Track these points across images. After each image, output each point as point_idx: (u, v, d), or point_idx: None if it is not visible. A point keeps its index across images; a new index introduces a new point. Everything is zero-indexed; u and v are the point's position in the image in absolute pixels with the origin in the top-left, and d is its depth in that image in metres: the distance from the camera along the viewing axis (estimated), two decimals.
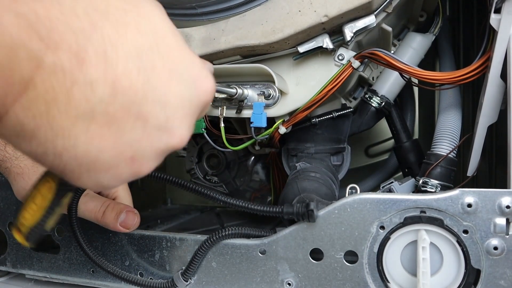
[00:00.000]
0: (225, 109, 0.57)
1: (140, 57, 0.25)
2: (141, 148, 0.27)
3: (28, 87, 0.22)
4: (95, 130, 0.25)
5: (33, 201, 0.31)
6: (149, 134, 0.27)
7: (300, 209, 0.50)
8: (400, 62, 0.53)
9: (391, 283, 0.48)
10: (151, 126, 0.26)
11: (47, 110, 0.23)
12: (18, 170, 0.55)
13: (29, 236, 0.31)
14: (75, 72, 0.23)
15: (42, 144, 0.24)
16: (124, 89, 0.24)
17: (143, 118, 0.26)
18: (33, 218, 0.31)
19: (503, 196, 0.44)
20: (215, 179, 0.84)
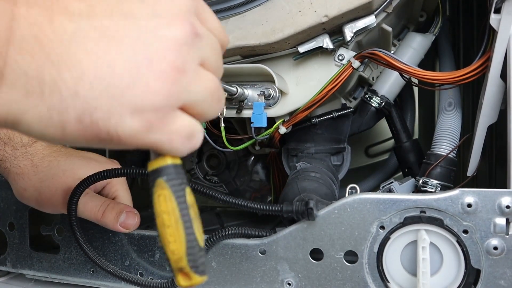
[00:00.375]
0: (225, 109, 0.57)
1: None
2: (147, 43, 0.25)
3: (13, 27, 0.23)
4: (93, 47, 0.24)
5: (164, 226, 0.26)
6: (145, 26, 0.25)
7: (299, 207, 0.50)
8: (400, 62, 0.53)
9: (391, 283, 0.48)
10: (142, 18, 0.25)
11: (40, 44, 0.23)
12: (17, 170, 0.55)
13: (194, 264, 0.26)
14: (48, 3, 0.23)
15: (53, 87, 0.23)
16: (98, 1, 0.25)
17: (130, 15, 0.25)
18: (180, 242, 0.26)
19: (503, 196, 0.44)
20: (215, 179, 0.84)
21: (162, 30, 0.26)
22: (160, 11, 0.26)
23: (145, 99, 0.25)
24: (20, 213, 0.65)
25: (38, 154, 0.56)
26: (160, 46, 0.25)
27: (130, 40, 0.25)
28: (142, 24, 0.25)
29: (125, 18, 0.25)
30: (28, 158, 0.55)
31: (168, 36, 0.26)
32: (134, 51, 0.25)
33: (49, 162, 0.55)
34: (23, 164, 0.55)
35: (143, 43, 0.25)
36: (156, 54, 0.25)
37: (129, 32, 0.25)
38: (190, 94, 0.27)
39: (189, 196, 0.28)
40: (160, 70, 0.25)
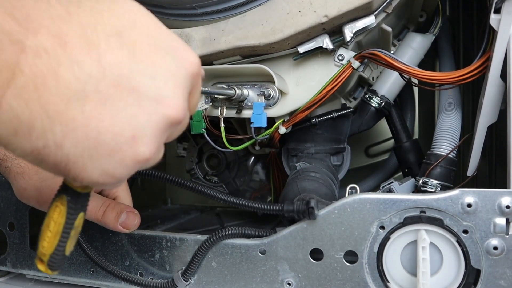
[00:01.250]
0: (225, 109, 0.57)
1: (120, 35, 0.26)
2: (140, 124, 0.26)
3: (16, 73, 0.23)
4: (90, 110, 0.25)
5: (48, 228, 0.31)
6: (144, 107, 0.26)
7: (300, 206, 0.50)
8: (400, 62, 0.53)
9: (391, 283, 0.48)
10: (144, 98, 0.26)
11: (38, 95, 0.23)
12: (18, 170, 0.55)
13: (52, 264, 0.31)
14: (59, 53, 0.23)
15: (42, 135, 0.24)
16: (111, 65, 0.25)
17: (135, 91, 0.26)
18: (51, 246, 0.31)
19: (503, 196, 0.44)
20: (215, 179, 0.84)
21: (157, 117, 0.27)
22: (165, 96, 0.27)
23: (116, 170, 0.27)
24: (20, 213, 0.65)
25: None
26: (149, 131, 0.27)
27: (125, 116, 0.26)
28: (142, 105, 0.26)
29: (129, 92, 0.26)
30: None
31: (159, 122, 0.27)
32: (126, 126, 0.26)
33: None
34: (24, 163, 0.55)
35: (136, 123, 0.26)
36: (142, 136, 0.27)
37: (129, 108, 0.26)
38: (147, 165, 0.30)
39: (79, 220, 0.32)
40: (139, 153, 0.27)
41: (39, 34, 0.23)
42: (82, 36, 0.24)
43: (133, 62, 0.26)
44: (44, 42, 0.23)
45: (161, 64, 0.27)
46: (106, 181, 0.28)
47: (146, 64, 0.27)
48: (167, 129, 0.29)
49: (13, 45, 0.23)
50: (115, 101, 0.25)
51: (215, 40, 0.54)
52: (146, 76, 0.26)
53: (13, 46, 0.23)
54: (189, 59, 0.30)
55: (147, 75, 0.26)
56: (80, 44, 0.24)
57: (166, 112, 0.27)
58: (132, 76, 0.26)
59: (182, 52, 0.30)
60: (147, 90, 0.26)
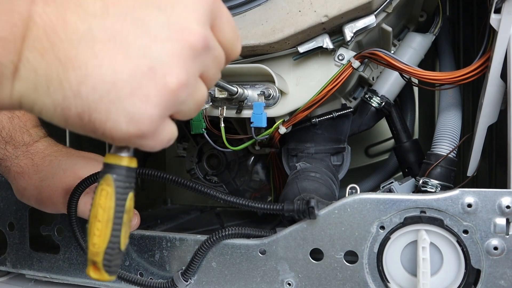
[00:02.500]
0: (225, 109, 0.57)
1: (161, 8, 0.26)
2: (154, 54, 0.25)
3: (29, 25, 0.23)
4: (100, 50, 0.24)
5: (96, 219, 0.28)
6: (155, 36, 0.25)
7: (300, 206, 0.50)
8: (400, 62, 0.53)
9: (391, 283, 0.48)
10: (153, 27, 0.25)
11: (51, 44, 0.24)
12: (18, 169, 0.55)
13: (108, 264, 0.27)
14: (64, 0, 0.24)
15: (58, 86, 0.24)
16: (113, 1, 0.25)
17: (142, 22, 0.25)
18: (104, 239, 0.27)
19: (503, 196, 0.44)
20: (215, 179, 0.84)
21: (171, 43, 0.26)
22: (175, 21, 0.26)
23: (143, 111, 0.25)
24: (20, 213, 0.65)
25: (39, 154, 0.56)
26: (167, 59, 0.25)
27: (137, 48, 0.25)
28: (152, 33, 0.25)
29: (136, 25, 0.25)
30: (29, 157, 0.55)
31: (176, 49, 0.26)
32: (140, 60, 0.25)
33: (49, 161, 0.55)
34: (24, 163, 0.55)
35: (151, 53, 0.25)
36: (161, 66, 0.25)
37: (139, 39, 0.25)
38: (183, 106, 0.28)
39: (129, 201, 0.29)
40: (163, 84, 0.25)
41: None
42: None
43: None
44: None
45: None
46: (137, 128, 0.26)
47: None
48: (191, 55, 0.27)
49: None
50: (124, 36, 0.25)
51: None
52: (151, 7, 0.26)
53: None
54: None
55: (152, 6, 0.26)
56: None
57: (181, 37, 0.26)
58: (137, 9, 0.25)
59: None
60: (155, 19, 0.25)
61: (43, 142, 0.58)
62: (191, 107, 0.29)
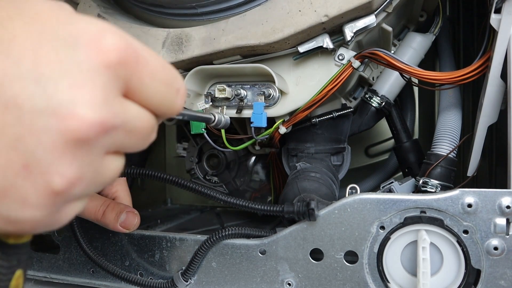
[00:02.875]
0: (225, 109, 0.57)
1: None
2: (29, 149, 0.20)
3: None
4: None
5: None
6: (29, 124, 0.20)
7: (300, 207, 0.50)
8: (400, 62, 0.53)
9: (391, 283, 0.48)
10: (28, 111, 0.19)
11: None
12: None
13: None
14: None
15: None
16: None
17: (13, 104, 0.19)
18: None
19: (503, 196, 0.44)
20: (215, 179, 0.84)
21: (50, 135, 0.20)
22: (57, 104, 0.20)
23: (21, 214, 0.21)
24: None
25: None
26: (44, 155, 0.20)
27: (7, 140, 0.20)
28: (27, 121, 0.20)
29: (5, 108, 0.19)
30: None
31: (57, 142, 0.20)
32: (11, 155, 0.20)
33: None
34: None
35: (24, 147, 0.20)
36: (37, 164, 0.20)
37: (9, 128, 0.20)
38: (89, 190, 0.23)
39: (15, 280, 0.25)
40: (43, 185, 0.20)
41: None
42: None
43: (8, 66, 0.20)
44: None
45: (50, 60, 0.20)
46: (20, 229, 0.21)
47: (27, 65, 0.20)
48: (82, 146, 0.21)
49: None
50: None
51: (215, 40, 0.54)
52: (26, 81, 0.20)
53: None
54: (98, 45, 0.22)
55: (28, 80, 0.20)
56: None
57: (63, 126, 0.20)
58: (7, 85, 0.19)
59: (88, 36, 0.22)
60: (30, 100, 0.19)
61: None
62: (103, 183, 0.24)
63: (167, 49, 0.56)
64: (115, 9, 0.65)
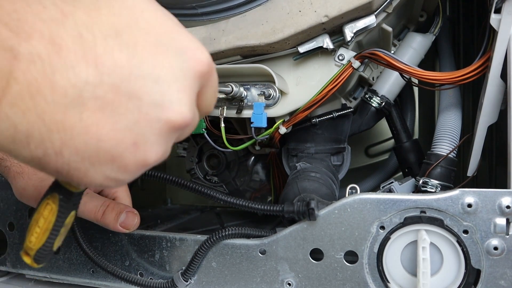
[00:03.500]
0: (225, 109, 0.57)
1: (120, 35, 0.24)
2: (141, 131, 0.25)
3: (10, 81, 0.22)
4: (89, 117, 0.24)
5: (36, 224, 0.31)
6: (146, 113, 0.25)
7: (301, 207, 0.50)
8: (400, 62, 0.53)
9: (391, 283, 0.48)
10: (146, 104, 0.25)
11: (34, 104, 0.22)
12: (18, 169, 0.55)
13: (38, 258, 0.31)
14: (53, 59, 0.22)
15: (40, 144, 0.23)
16: (109, 68, 0.24)
17: (136, 96, 0.25)
18: (39, 241, 0.31)
19: (503, 196, 0.44)
20: (215, 179, 0.84)
21: (159, 123, 0.26)
22: (168, 99, 0.26)
23: (119, 175, 0.27)
24: (20, 213, 0.65)
25: None
26: (152, 137, 0.26)
27: (126, 122, 0.25)
28: (144, 110, 0.25)
29: (130, 98, 0.25)
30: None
31: (162, 129, 0.26)
32: (127, 133, 0.25)
33: None
34: None
35: (138, 129, 0.25)
36: (144, 143, 0.26)
37: (129, 114, 0.25)
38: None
39: (70, 218, 0.32)
40: (142, 159, 0.27)
41: (32, 39, 0.22)
42: (78, 39, 0.23)
43: (133, 65, 0.25)
44: (38, 47, 0.22)
45: (164, 65, 0.26)
46: (110, 184, 0.27)
47: (148, 66, 0.25)
48: (172, 134, 0.28)
49: (6, 52, 0.22)
50: (115, 107, 0.24)
51: (215, 40, 0.54)
52: (147, 79, 0.25)
53: (6, 53, 0.22)
54: (197, 58, 0.28)
55: (148, 79, 0.25)
56: (75, 47, 0.23)
57: (169, 118, 0.26)
58: (132, 80, 0.24)
59: (190, 50, 0.28)
60: (149, 95, 0.25)
61: None
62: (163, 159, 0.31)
63: None
64: None
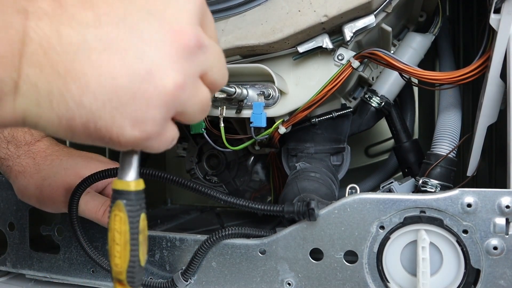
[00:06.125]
0: (225, 109, 0.57)
1: (150, 12, 0.26)
2: (151, 58, 0.26)
3: (25, 40, 0.24)
4: (97, 59, 0.24)
5: (114, 243, 0.30)
6: (149, 40, 0.26)
7: (301, 207, 0.50)
8: (400, 62, 0.53)
9: (391, 283, 0.48)
10: (146, 32, 0.26)
11: (48, 58, 0.24)
12: (19, 169, 0.55)
13: (132, 280, 0.30)
14: (57, 13, 0.24)
15: (61, 99, 0.24)
16: (105, 9, 0.25)
17: (134, 27, 0.26)
18: (124, 260, 0.30)
19: (503, 196, 0.44)
20: (215, 179, 0.84)
21: (165, 45, 0.26)
22: (167, 24, 0.27)
23: (146, 114, 0.26)
24: (20, 213, 0.65)
25: (40, 153, 0.56)
26: (163, 61, 0.26)
27: (133, 53, 0.25)
28: (147, 38, 0.26)
29: (130, 31, 0.25)
30: (31, 157, 0.55)
31: (171, 51, 0.26)
32: (138, 64, 0.25)
33: (51, 160, 0.56)
34: (26, 162, 0.55)
35: (147, 57, 0.26)
36: (158, 69, 0.26)
37: (133, 45, 0.25)
38: (185, 107, 0.29)
39: (142, 221, 0.31)
40: (162, 86, 0.26)
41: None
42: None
43: (127, 1, 0.26)
44: (44, 6, 0.24)
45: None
46: (142, 131, 0.27)
47: (140, 1, 0.26)
48: (187, 56, 0.27)
49: (19, 13, 0.23)
50: (118, 42, 0.25)
51: None
52: (142, 11, 0.26)
53: (19, 14, 0.23)
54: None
55: (142, 10, 0.26)
56: (75, 1, 0.25)
57: (175, 38, 0.26)
58: (128, 14, 0.26)
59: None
60: (148, 24, 0.26)
61: (44, 141, 0.58)
62: (195, 109, 0.30)
63: None
64: None
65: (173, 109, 0.27)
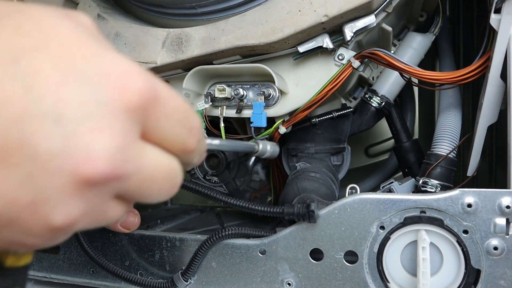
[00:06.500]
0: (225, 109, 0.57)
1: (18, 61, 0.20)
2: (39, 187, 0.20)
3: None
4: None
5: None
6: (43, 164, 0.20)
7: (301, 209, 0.50)
8: (400, 62, 0.53)
9: (391, 283, 0.48)
10: (43, 152, 0.19)
11: None
12: None
13: None
14: None
15: None
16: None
17: (29, 143, 0.19)
18: None
19: (503, 196, 0.44)
20: (215, 179, 0.83)
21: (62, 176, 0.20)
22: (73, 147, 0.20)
23: (26, 240, 0.22)
24: None
25: None
26: (54, 194, 0.20)
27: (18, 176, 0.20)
28: (40, 161, 0.20)
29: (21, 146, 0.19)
30: None
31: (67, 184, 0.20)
32: (20, 190, 0.20)
33: None
34: None
35: (33, 185, 0.20)
36: (44, 202, 0.20)
37: (22, 165, 0.20)
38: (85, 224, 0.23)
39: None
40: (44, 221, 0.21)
41: None
42: None
43: (30, 100, 0.19)
44: None
45: (73, 97, 0.20)
46: (24, 249, 0.23)
47: (49, 102, 0.19)
48: (89, 189, 0.21)
49: None
50: (3, 158, 0.19)
51: (215, 40, 0.54)
52: (45, 121, 0.19)
53: None
54: (123, 86, 0.21)
55: (47, 120, 0.19)
56: None
57: (76, 170, 0.20)
58: (25, 122, 0.19)
59: (114, 76, 0.21)
60: (46, 141, 0.19)
61: None
62: (103, 224, 0.24)
63: (167, 49, 0.56)
64: (115, 9, 0.65)
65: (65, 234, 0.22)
